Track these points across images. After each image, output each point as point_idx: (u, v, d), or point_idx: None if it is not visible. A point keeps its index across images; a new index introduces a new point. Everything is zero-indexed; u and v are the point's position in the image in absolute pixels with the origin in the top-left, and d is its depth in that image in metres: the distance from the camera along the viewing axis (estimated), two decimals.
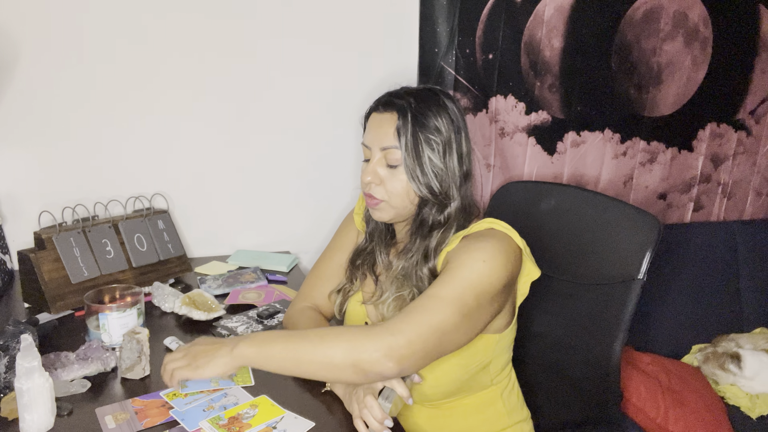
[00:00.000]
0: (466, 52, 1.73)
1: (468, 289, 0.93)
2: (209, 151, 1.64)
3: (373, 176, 1.05)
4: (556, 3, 1.76)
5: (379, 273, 1.15)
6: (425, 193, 1.03)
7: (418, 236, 1.06)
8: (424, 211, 1.06)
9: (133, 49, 1.51)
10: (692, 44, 1.94)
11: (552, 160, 1.90)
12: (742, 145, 2.13)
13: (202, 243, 1.69)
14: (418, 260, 1.04)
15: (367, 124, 1.09)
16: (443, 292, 0.92)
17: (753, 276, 2.00)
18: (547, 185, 1.48)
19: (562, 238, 1.31)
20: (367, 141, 1.07)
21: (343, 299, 1.18)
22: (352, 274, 1.18)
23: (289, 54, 1.63)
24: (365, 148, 1.08)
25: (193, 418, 0.92)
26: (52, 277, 1.25)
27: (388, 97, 1.07)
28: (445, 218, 1.05)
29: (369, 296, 1.14)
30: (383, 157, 1.04)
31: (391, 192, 1.05)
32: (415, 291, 1.03)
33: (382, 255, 1.15)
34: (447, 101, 1.05)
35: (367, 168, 1.06)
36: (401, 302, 1.04)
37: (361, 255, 1.18)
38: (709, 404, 1.59)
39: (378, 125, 1.05)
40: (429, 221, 1.05)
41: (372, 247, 1.17)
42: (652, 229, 1.17)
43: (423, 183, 1.02)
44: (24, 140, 1.49)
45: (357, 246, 1.20)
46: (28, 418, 0.87)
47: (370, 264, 1.16)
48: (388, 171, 1.05)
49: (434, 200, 1.04)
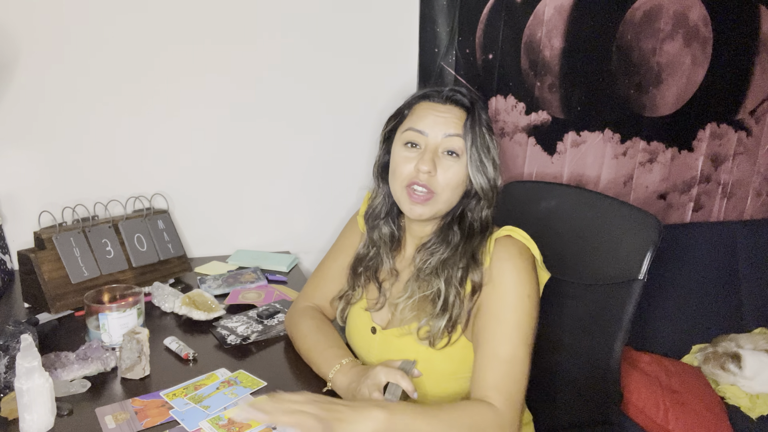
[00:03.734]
0: (466, 52, 1.73)
1: (528, 334, 0.97)
2: (209, 151, 1.64)
3: (431, 165, 1.01)
4: (556, 3, 1.76)
5: (383, 279, 1.13)
6: (486, 188, 1.03)
7: (450, 233, 1.05)
8: (470, 205, 1.05)
9: (133, 49, 1.50)
10: (692, 44, 1.94)
11: (552, 160, 1.90)
12: (742, 145, 2.13)
13: (202, 243, 1.69)
14: (460, 266, 1.02)
15: (415, 111, 1.06)
16: (517, 352, 0.95)
17: (753, 276, 2.00)
18: (547, 185, 1.48)
19: (562, 238, 1.31)
20: (421, 126, 1.03)
21: (345, 305, 1.16)
22: (354, 281, 1.16)
23: (290, 54, 1.63)
24: (416, 133, 1.03)
25: (193, 418, 0.92)
26: (52, 277, 1.25)
27: (451, 93, 1.05)
28: (484, 221, 1.05)
29: (373, 303, 1.12)
30: (443, 145, 1.02)
31: (446, 184, 1.02)
32: (441, 288, 1.01)
33: (387, 261, 1.12)
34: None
35: (424, 156, 1.02)
36: (423, 303, 1.03)
37: (362, 262, 1.15)
38: (709, 404, 1.59)
39: (440, 113, 1.03)
40: (468, 218, 1.05)
41: (375, 253, 1.14)
42: (652, 229, 1.17)
43: (486, 177, 1.02)
44: (24, 140, 1.48)
45: (357, 252, 1.17)
46: (28, 418, 0.87)
47: (373, 270, 1.14)
48: (444, 161, 1.02)
49: (484, 197, 1.04)
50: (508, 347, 0.95)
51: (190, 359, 1.10)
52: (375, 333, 1.09)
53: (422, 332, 1.01)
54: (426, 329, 1.01)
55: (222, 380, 1.03)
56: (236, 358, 1.12)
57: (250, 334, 1.18)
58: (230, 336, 1.18)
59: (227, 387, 1.01)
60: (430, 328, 1.00)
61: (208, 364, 1.10)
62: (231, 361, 1.11)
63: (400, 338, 1.04)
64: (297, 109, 1.68)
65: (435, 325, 0.99)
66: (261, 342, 1.19)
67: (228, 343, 1.16)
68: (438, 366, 1.02)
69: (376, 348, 1.08)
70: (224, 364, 1.09)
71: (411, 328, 1.03)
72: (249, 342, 1.18)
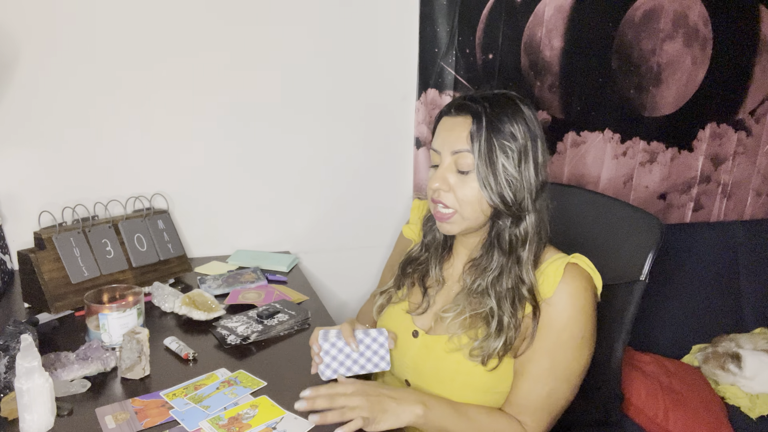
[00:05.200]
0: (466, 52, 1.73)
1: (575, 374, 0.99)
2: (209, 151, 1.64)
3: (441, 182, 1.00)
4: (556, 3, 1.77)
5: (429, 285, 1.12)
6: (497, 202, 0.98)
7: (494, 251, 1.02)
8: (498, 224, 1.02)
9: (133, 49, 1.50)
10: (692, 44, 1.94)
11: (552, 160, 1.90)
12: (742, 145, 2.13)
13: (202, 243, 1.69)
14: (508, 286, 0.99)
15: (437, 128, 1.05)
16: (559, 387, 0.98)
17: (753, 276, 2.00)
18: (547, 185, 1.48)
19: (562, 239, 1.31)
20: (436, 145, 1.03)
21: (385, 302, 1.17)
22: (399, 281, 1.16)
23: (290, 54, 1.63)
24: (434, 152, 1.03)
25: (193, 418, 0.92)
26: (52, 277, 1.25)
27: (462, 100, 1.02)
28: (524, 233, 1.00)
29: (415, 306, 1.11)
30: (453, 162, 1.00)
31: (462, 200, 1.00)
32: (494, 308, 0.99)
33: (435, 268, 1.12)
34: (524, 107, 1.01)
35: (436, 174, 1.01)
36: (474, 320, 1.02)
37: (412, 263, 1.15)
38: (709, 404, 1.59)
39: (450, 128, 1.01)
40: (506, 236, 1.01)
41: (426, 258, 1.14)
42: (654, 230, 1.17)
43: (495, 191, 0.97)
44: (24, 140, 1.48)
45: (410, 253, 1.17)
46: (28, 418, 0.87)
47: (421, 275, 1.14)
48: (459, 177, 1.00)
49: (507, 211, 0.99)
50: (549, 384, 0.98)
51: (190, 359, 1.10)
52: (417, 336, 1.08)
53: (475, 352, 0.99)
54: (479, 350, 0.99)
55: (222, 380, 1.03)
56: (236, 358, 1.12)
57: (250, 334, 1.18)
58: (230, 336, 1.18)
59: (227, 387, 1.01)
60: (484, 348, 0.99)
61: (208, 364, 1.10)
62: (231, 361, 1.11)
63: (449, 354, 1.02)
64: (297, 109, 1.68)
65: (490, 346, 0.98)
66: (261, 342, 1.19)
67: (228, 343, 1.16)
68: (478, 379, 1.01)
69: (414, 351, 1.07)
70: (224, 364, 1.09)
71: (461, 343, 1.01)
72: (249, 342, 1.18)
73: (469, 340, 1.01)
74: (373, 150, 1.77)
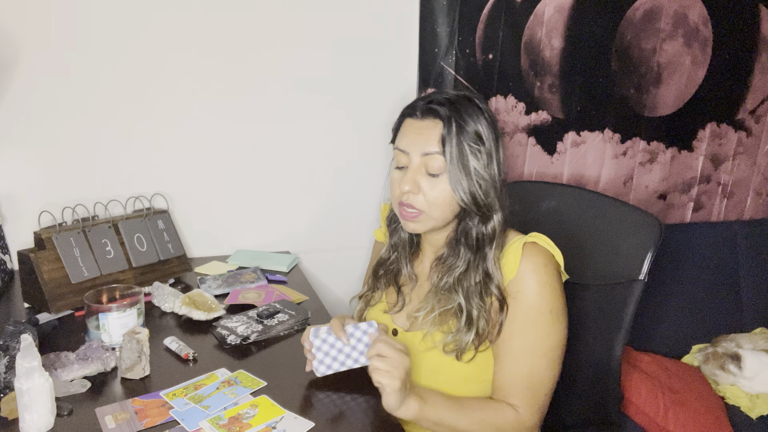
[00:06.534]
0: (466, 52, 1.73)
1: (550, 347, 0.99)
2: (209, 151, 1.64)
3: (412, 185, 1.01)
4: (556, 3, 1.77)
5: (402, 284, 1.15)
6: (469, 203, 1.00)
7: (461, 248, 1.04)
8: (466, 222, 1.04)
9: (133, 49, 1.50)
10: (692, 44, 1.94)
11: (552, 160, 1.90)
12: (742, 145, 2.13)
13: (202, 243, 1.69)
14: (476, 280, 1.01)
15: (401, 129, 1.05)
16: (538, 364, 0.99)
17: (753, 276, 2.00)
18: (547, 185, 1.48)
19: (562, 238, 1.30)
20: (403, 145, 1.03)
21: (364, 306, 1.19)
22: (374, 283, 1.17)
23: (288, 54, 1.63)
24: (400, 152, 1.03)
25: (193, 418, 0.92)
26: (52, 277, 1.25)
27: (427, 103, 1.02)
28: (491, 232, 1.02)
29: (392, 306, 1.14)
30: (423, 165, 1.01)
31: (432, 202, 1.01)
32: (462, 304, 1.01)
33: (406, 267, 1.14)
34: (484, 108, 1.02)
35: (405, 176, 1.02)
36: (444, 316, 1.03)
37: (383, 265, 1.17)
38: (709, 404, 1.59)
39: (417, 131, 1.01)
40: (473, 234, 1.03)
41: (396, 258, 1.16)
42: (653, 229, 1.17)
43: (468, 193, 0.99)
44: (24, 140, 1.48)
45: (380, 256, 1.19)
46: (28, 418, 0.87)
47: (393, 275, 1.15)
48: (429, 180, 1.01)
49: (478, 212, 1.01)
50: (528, 362, 0.99)
51: (190, 359, 1.10)
52: (396, 335, 1.11)
53: (449, 347, 1.01)
54: (453, 345, 1.01)
55: (222, 380, 1.03)
56: (236, 358, 1.12)
57: (250, 334, 1.18)
58: (230, 336, 1.18)
59: (227, 387, 1.01)
60: (456, 342, 1.01)
61: (208, 364, 1.10)
62: (231, 361, 1.11)
63: (426, 352, 1.04)
64: (297, 109, 1.68)
65: (462, 340, 1.00)
66: (261, 342, 1.19)
67: (228, 343, 1.16)
68: (460, 371, 1.03)
69: None
70: (224, 364, 1.09)
71: (435, 341, 1.04)
72: (249, 342, 1.18)
73: (443, 335, 1.03)
74: (373, 150, 1.77)
